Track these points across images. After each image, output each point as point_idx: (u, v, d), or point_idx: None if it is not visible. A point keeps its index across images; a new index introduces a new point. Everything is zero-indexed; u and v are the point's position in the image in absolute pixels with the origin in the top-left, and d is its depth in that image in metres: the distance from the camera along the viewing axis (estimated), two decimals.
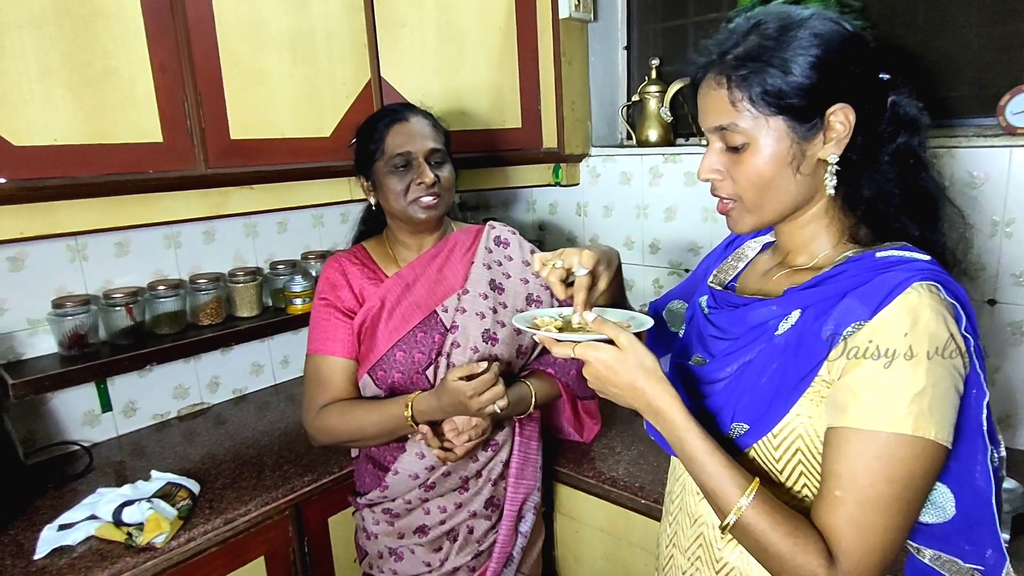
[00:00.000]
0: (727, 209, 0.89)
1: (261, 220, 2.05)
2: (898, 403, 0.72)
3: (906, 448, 0.72)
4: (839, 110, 0.79)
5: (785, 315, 0.84)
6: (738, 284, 1.02)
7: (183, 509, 1.41)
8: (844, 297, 0.78)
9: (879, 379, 0.73)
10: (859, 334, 0.75)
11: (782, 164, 0.82)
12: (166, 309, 1.77)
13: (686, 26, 2.07)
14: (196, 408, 1.99)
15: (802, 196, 0.85)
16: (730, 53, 0.82)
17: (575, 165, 2.17)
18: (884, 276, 0.76)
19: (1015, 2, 1.55)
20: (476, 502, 1.41)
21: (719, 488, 0.80)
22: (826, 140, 0.81)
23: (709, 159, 0.87)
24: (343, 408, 1.35)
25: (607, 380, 0.87)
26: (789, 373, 0.81)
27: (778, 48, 0.79)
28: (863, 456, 0.73)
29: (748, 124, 0.81)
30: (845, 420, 0.75)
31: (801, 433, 0.82)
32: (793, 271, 0.91)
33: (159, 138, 1.47)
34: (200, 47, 1.50)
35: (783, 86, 0.78)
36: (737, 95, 0.81)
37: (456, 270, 1.43)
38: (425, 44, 1.84)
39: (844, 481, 0.74)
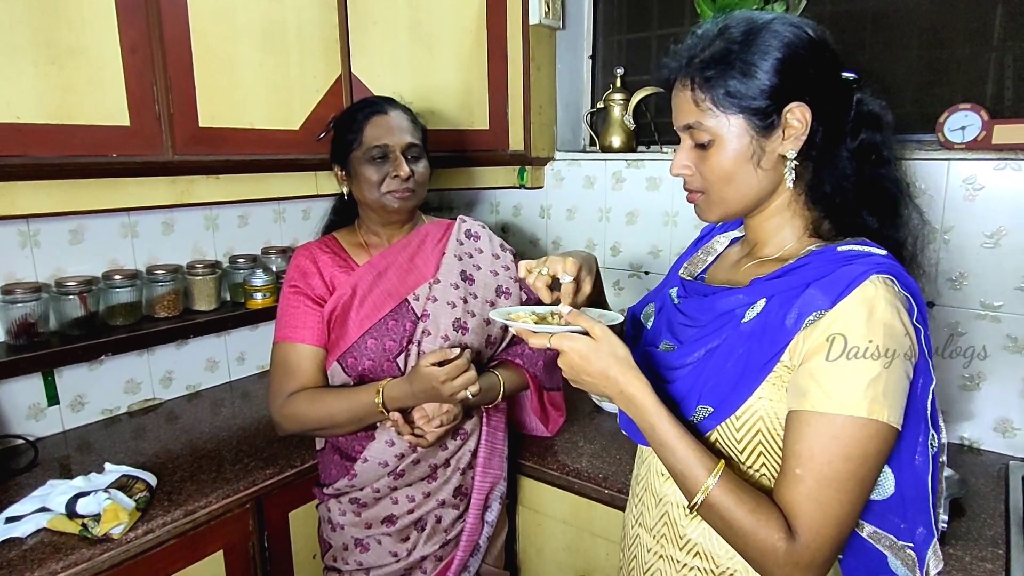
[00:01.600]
0: (696, 200, 0.96)
1: (222, 213, 2.02)
2: (855, 388, 0.78)
3: (861, 429, 0.78)
4: (796, 108, 0.85)
5: (751, 303, 0.89)
6: (707, 275, 1.08)
7: (141, 501, 1.37)
8: (807, 288, 0.83)
9: (837, 365, 0.78)
10: (820, 323, 0.80)
11: (743, 160, 0.88)
12: (121, 300, 1.72)
13: (649, 38, 2.16)
14: (148, 403, 1.93)
15: (764, 190, 0.91)
16: (697, 57, 0.89)
17: (540, 168, 2.21)
18: (844, 269, 0.82)
19: (951, 29, 1.69)
20: (444, 491, 1.42)
21: (687, 470, 0.85)
22: (785, 137, 0.87)
23: (680, 156, 0.93)
24: (312, 395, 1.35)
25: (581, 369, 0.91)
26: (753, 358, 0.86)
27: (740, 51, 0.85)
28: (822, 437, 0.79)
29: (711, 123, 0.88)
30: (806, 404, 0.80)
31: (763, 415, 0.87)
32: (760, 262, 0.96)
33: (126, 121, 1.44)
34: (172, 30, 1.48)
35: (742, 87, 0.85)
36: (700, 96, 0.87)
37: (428, 260, 1.45)
38: (396, 42, 1.86)
39: (803, 460, 0.80)
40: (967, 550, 1.25)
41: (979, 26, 1.67)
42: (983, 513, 1.37)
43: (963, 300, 1.61)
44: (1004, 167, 1.53)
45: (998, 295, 1.57)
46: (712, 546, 0.94)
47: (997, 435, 1.63)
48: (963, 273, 1.60)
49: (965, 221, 1.58)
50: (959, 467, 1.51)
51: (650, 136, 2.16)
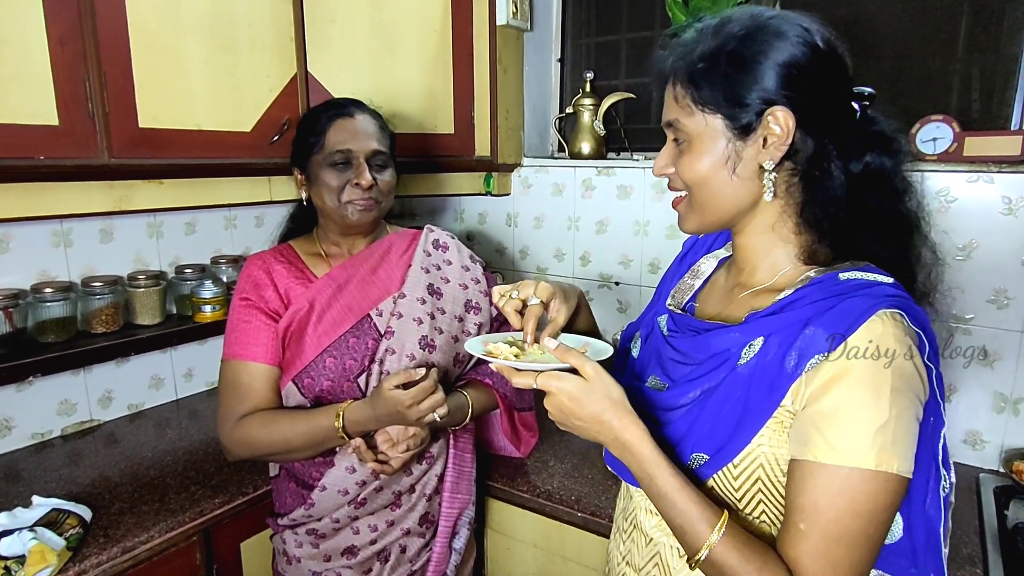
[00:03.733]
0: (676, 204, 0.90)
1: (167, 219, 1.89)
2: (861, 437, 0.71)
3: (870, 483, 0.71)
4: (778, 112, 0.77)
5: (747, 343, 0.81)
6: (697, 304, 0.99)
7: (72, 538, 1.24)
8: (807, 324, 0.76)
9: (842, 412, 0.72)
10: (823, 365, 0.73)
11: (718, 164, 0.81)
12: (52, 315, 1.57)
13: (619, 42, 2.11)
14: (84, 425, 1.79)
15: (742, 201, 0.83)
16: (689, 52, 0.82)
17: (507, 175, 2.15)
18: (848, 302, 0.74)
19: (919, 40, 1.68)
20: (409, 519, 1.33)
21: (688, 524, 0.78)
22: (765, 144, 0.79)
23: (662, 156, 0.88)
24: (265, 419, 1.24)
25: (571, 412, 0.83)
26: (752, 403, 0.79)
27: (734, 48, 0.78)
28: (826, 490, 0.72)
29: (688, 121, 0.82)
30: (808, 453, 0.73)
31: (763, 463, 0.80)
32: (753, 293, 0.88)
33: (54, 120, 1.31)
34: (107, 22, 1.35)
35: (724, 85, 0.79)
36: (681, 92, 0.82)
37: (392, 272, 1.36)
38: (356, 42, 1.76)
39: (808, 515, 0.73)
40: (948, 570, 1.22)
41: (945, 38, 1.67)
42: (958, 530, 1.35)
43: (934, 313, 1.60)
44: (976, 179, 1.52)
45: (969, 308, 1.57)
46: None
47: (967, 447, 1.63)
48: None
49: (937, 233, 1.55)
50: None
51: (620, 143, 2.11)
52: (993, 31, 1.62)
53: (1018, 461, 1.48)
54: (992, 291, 1.54)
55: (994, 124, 1.64)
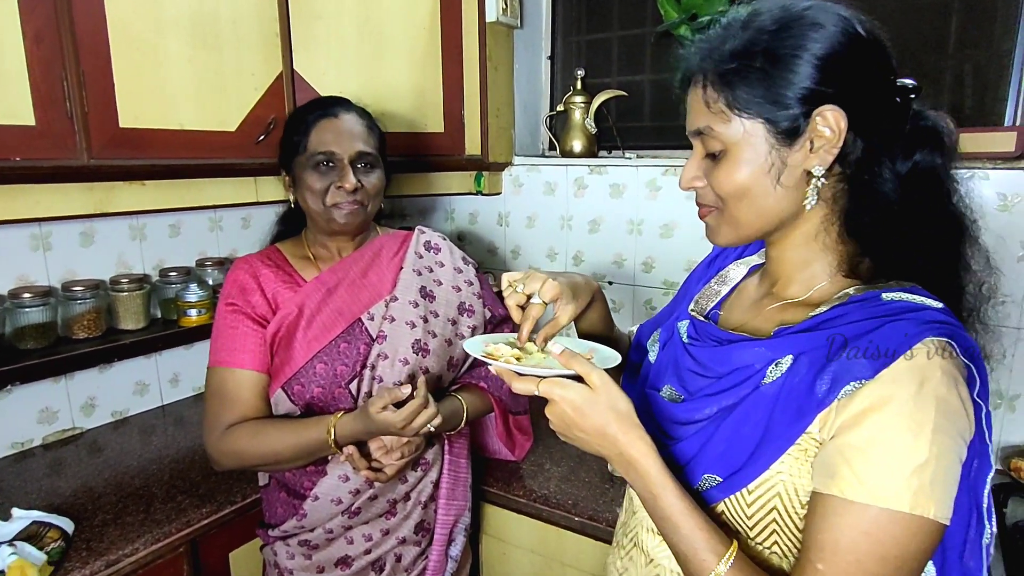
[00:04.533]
0: (707, 217, 0.83)
1: (150, 221, 1.84)
2: (896, 475, 0.64)
3: (900, 526, 0.64)
4: (828, 112, 0.70)
5: (774, 359, 0.75)
6: (722, 313, 0.93)
7: (54, 552, 1.20)
8: (844, 346, 0.69)
9: (876, 447, 0.65)
10: (859, 394, 0.66)
11: (760, 173, 0.74)
12: (32, 320, 1.53)
13: (610, 39, 2.09)
14: (66, 434, 1.74)
15: (785, 211, 0.76)
16: (716, 51, 0.75)
17: (498, 174, 2.11)
18: (890, 326, 0.68)
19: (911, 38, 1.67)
20: (405, 527, 1.30)
21: (691, 552, 0.73)
22: (812, 148, 0.72)
23: (690, 167, 0.81)
24: (253, 429, 1.20)
25: (573, 423, 0.78)
26: (775, 426, 0.72)
27: (769, 43, 0.72)
28: (850, 530, 0.65)
29: (723, 128, 0.75)
30: (834, 488, 0.67)
31: (780, 491, 0.73)
32: (785, 304, 0.82)
33: (30, 120, 1.26)
34: (84, 19, 1.31)
35: (763, 86, 0.72)
36: (712, 96, 0.75)
37: (383, 275, 1.33)
38: (344, 39, 1.73)
39: (827, 554, 0.67)
40: None
41: (938, 34, 1.66)
42: None
43: None
44: (971, 176, 1.49)
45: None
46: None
47: None
48: None
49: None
50: None
51: (612, 141, 2.09)
52: (986, 27, 1.61)
53: (1016, 458, 1.47)
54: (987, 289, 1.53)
55: (987, 120, 1.63)
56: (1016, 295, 1.51)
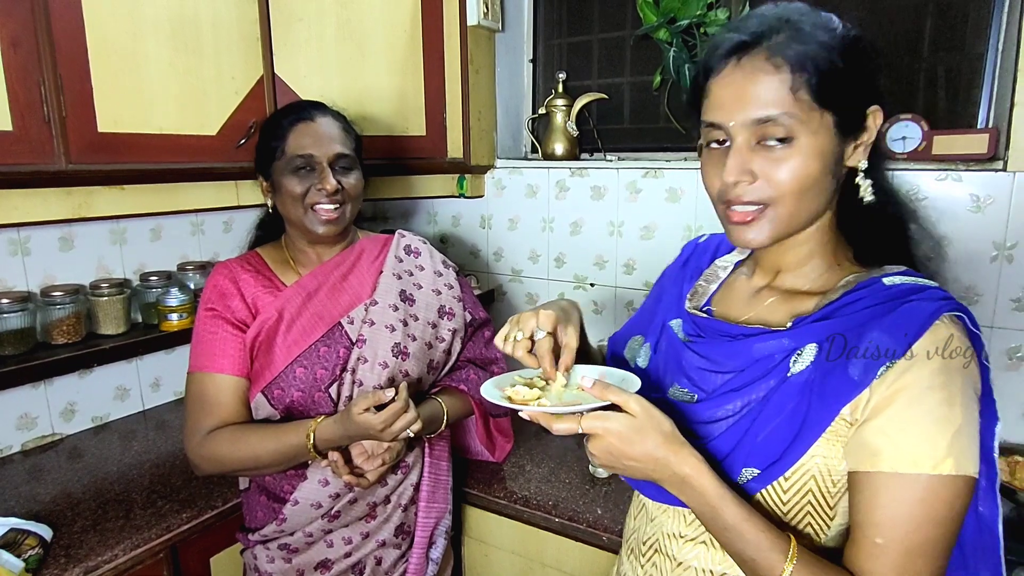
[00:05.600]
0: (750, 218, 0.78)
1: (131, 226, 1.83)
2: (938, 443, 0.68)
3: (949, 488, 0.68)
4: (876, 112, 0.76)
5: (797, 349, 0.77)
6: (716, 308, 0.94)
7: (31, 560, 1.20)
8: (866, 330, 0.73)
9: (915, 419, 0.69)
10: (890, 372, 0.70)
11: (826, 166, 0.75)
12: (10, 326, 1.52)
13: (591, 42, 2.10)
14: (45, 440, 1.73)
15: (825, 206, 0.79)
16: (775, 37, 0.74)
17: (480, 176, 2.12)
18: (909, 307, 0.72)
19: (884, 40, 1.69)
20: (385, 530, 1.30)
21: (759, 555, 0.74)
22: (857, 144, 0.77)
23: (740, 158, 0.76)
24: (234, 434, 1.20)
25: (622, 454, 0.76)
26: (810, 415, 0.75)
27: (827, 40, 0.74)
28: (905, 501, 0.69)
29: (803, 116, 0.74)
30: (880, 464, 0.70)
31: (815, 474, 0.77)
32: (789, 295, 0.85)
33: (7, 125, 1.25)
34: (62, 23, 1.30)
35: (840, 79, 0.73)
36: (797, 81, 0.73)
37: (363, 279, 1.33)
38: (324, 42, 1.73)
39: (885, 529, 0.70)
40: None
41: (912, 37, 1.68)
42: None
43: None
44: (945, 177, 1.54)
45: None
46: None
47: None
48: None
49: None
50: None
51: (594, 143, 2.10)
52: (959, 30, 1.63)
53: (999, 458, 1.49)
54: (963, 288, 1.55)
55: (960, 123, 1.65)
56: (989, 294, 1.53)
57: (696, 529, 0.87)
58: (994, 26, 1.59)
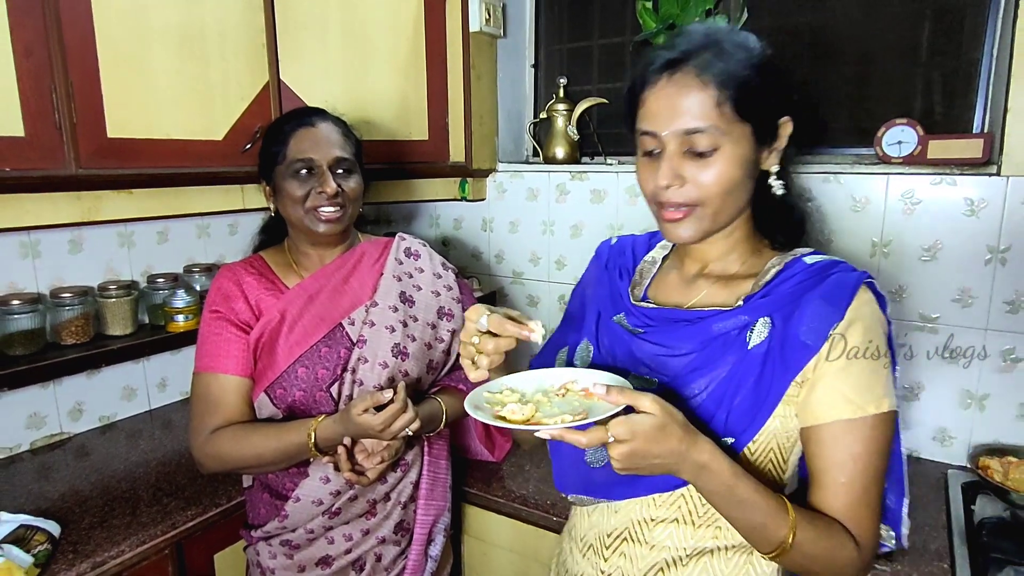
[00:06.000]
0: (681, 216, 0.87)
1: (138, 229, 1.87)
2: (875, 387, 0.82)
3: (888, 422, 0.84)
4: (786, 122, 0.87)
5: (751, 324, 0.87)
6: (656, 299, 1.00)
7: (40, 555, 1.23)
8: (805, 300, 0.84)
9: (857, 372, 0.82)
10: (834, 333, 0.82)
11: (746, 171, 0.86)
12: (21, 327, 1.55)
13: (591, 48, 2.13)
14: (54, 439, 1.76)
15: (745, 205, 0.91)
16: (702, 55, 0.83)
17: (482, 180, 2.15)
18: (835, 278, 0.85)
19: (883, 45, 1.71)
20: (385, 527, 1.33)
21: (768, 519, 0.80)
22: (771, 150, 0.88)
23: (671, 164, 0.85)
24: (237, 433, 1.23)
25: (648, 453, 0.75)
26: (775, 381, 0.85)
27: (747, 59, 0.83)
28: (859, 440, 0.82)
29: (725, 128, 0.83)
30: (836, 414, 0.82)
31: (776, 433, 0.87)
32: (724, 280, 0.94)
33: (20, 132, 1.28)
34: (73, 32, 1.34)
35: (757, 94, 0.83)
36: (723, 97, 0.82)
37: (364, 281, 1.36)
38: (329, 48, 1.76)
39: (847, 468, 0.82)
40: (915, 566, 1.25)
41: (910, 42, 1.70)
42: (926, 525, 1.38)
43: (902, 312, 1.63)
44: (940, 182, 1.55)
45: (936, 307, 1.60)
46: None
47: (936, 444, 1.66)
48: (902, 285, 1.63)
49: (903, 234, 1.61)
50: None
51: (594, 147, 2.12)
52: (955, 36, 1.65)
53: (984, 457, 1.50)
54: (957, 290, 1.57)
55: (957, 127, 1.67)
56: (984, 297, 1.55)
57: (666, 510, 0.92)
58: (989, 31, 1.61)
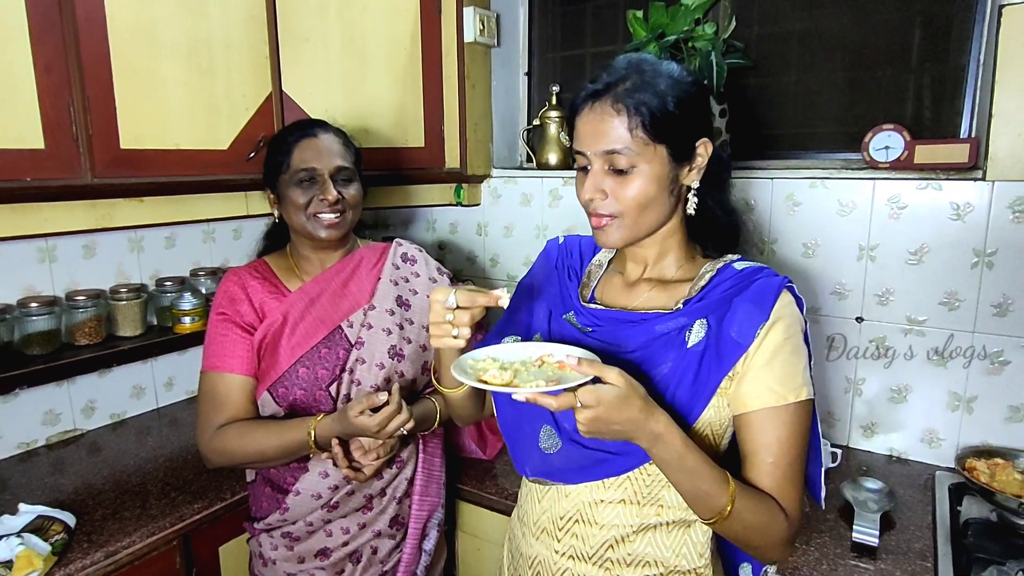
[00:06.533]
0: (604, 223, 0.98)
1: (147, 234, 1.94)
2: (795, 379, 0.93)
3: (806, 408, 0.94)
4: (704, 143, 0.97)
5: (689, 325, 0.96)
6: (602, 300, 1.09)
7: (57, 544, 1.29)
8: (735, 303, 0.94)
9: (779, 365, 0.93)
10: (760, 333, 0.93)
11: (662, 187, 0.96)
12: (38, 328, 1.63)
13: (584, 56, 2.18)
14: (68, 435, 1.84)
15: (667, 216, 1.00)
16: (619, 86, 0.94)
17: (477, 185, 2.20)
18: (761, 282, 0.96)
19: (873, 51, 1.74)
20: (380, 521, 1.39)
21: (712, 487, 0.89)
22: (691, 168, 0.98)
23: (594, 180, 0.97)
24: (241, 430, 1.30)
25: (608, 419, 0.85)
26: (711, 376, 0.94)
27: (660, 87, 0.93)
28: (783, 425, 0.92)
29: (639, 149, 0.93)
30: (761, 403, 0.93)
31: (710, 422, 0.96)
32: (663, 285, 1.04)
33: (40, 144, 1.36)
34: (89, 48, 1.41)
35: (669, 119, 0.93)
36: (633, 122, 0.93)
37: (362, 285, 1.42)
38: (329, 60, 1.82)
39: (773, 450, 0.92)
40: (897, 564, 1.27)
41: (899, 48, 1.72)
42: (912, 525, 1.40)
43: (889, 315, 1.66)
44: (926, 186, 1.58)
45: (923, 310, 1.62)
46: (662, 554, 1.01)
47: (924, 446, 1.68)
48: (889, 289, 1.65)
49: (890, 238, 1.63)
50: (888, 478, 1.55)
51: None
52: (942, 42, 1.67)
53: (971, 459, 1.50)
54: (944, 294, 1.59)
55: (945, 132, 1.69)
56: (971, 300, 1.57)
57: (614, 492, 1.00)
58: (976, 38, 1.62)
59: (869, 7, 1.73)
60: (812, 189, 1.70)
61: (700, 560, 1.02)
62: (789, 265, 1.76)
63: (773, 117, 1.91)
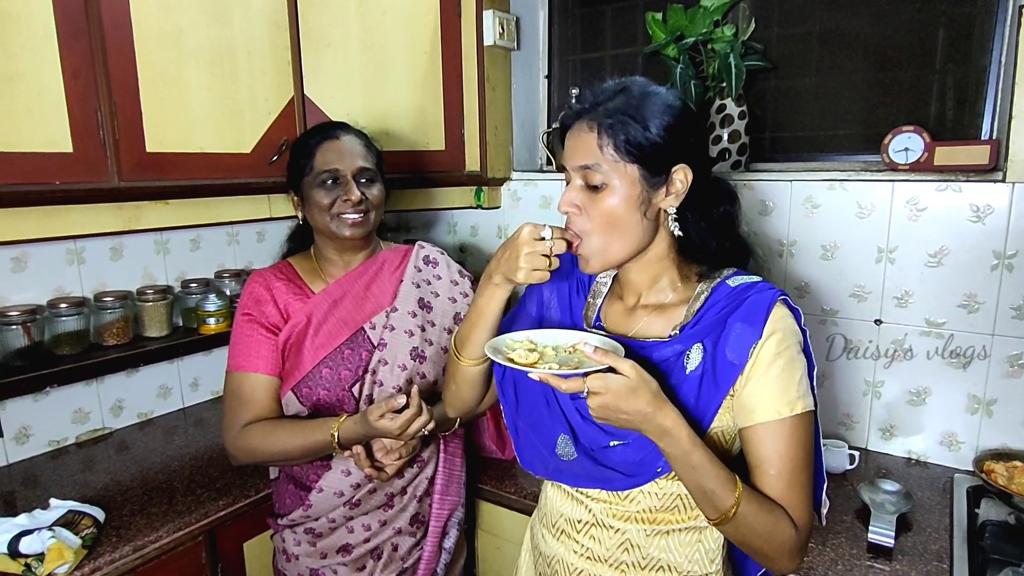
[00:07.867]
0: (576, 248, 0.98)
1: (173, 236, 1.98)
2: (792, 392, 0.93)
3: (805, 421, 0.94)
4: (681, 169, 0.96)
5: (686, 351, 0.98)
6: (605, 323, 1.10)
7: (87, 538, 1.33)
8: (727, 323, 0.95)
9: (773, 380, 0.93)
10: (755, 350, 0.94)
11: (632, 207, 0.95)
12: (67, 328, 1.67)
13: (604, 58, 2.19)
14: (97, 433, 1.88)
15: (645, 238, 0.99)
16: (602, 105, 0.96)
17: (497, 188, 2.22)
18: (753, 299, 0.96)
19: (895, 52, 1.74)
20: (401, 519, 1.41)
21: (717, 485, 0.90)
22: (668, 193, 0.97)
23: (570, 194, 0.98)
24: (266, 429, 1.32)
25: (617, 408, 0.88)
26: (711, 399, 0.95)
27: (641, 110, 0.94)
28: (782, 438, 0.93)
29: (609, 167, 0.94)
30: (758, 418, 0.93)
31: (717, 437, 0.98)
32: (660, 310, 1.04)
33: (68, 148, 1.40)
34: (116, 55, 1.44)
35: (642, 140, 0.93)
36: (604, 140, 0.94)
37: (385, 288, 1.44)
38: (350, 64, 1.85)
39: (774, 462, 0.93)
40: (912, 565, 1.28)
41: (921, 50, 1.72)
42: (929, 527, 1.40)
43: (908, 317, 1.66)
44: (945, 188, 1.57)
45: (942, 313, 1.62)
46: (675, 559, 1.03)
47: (943, 448, 1.67)
48: (908, 291, 1.65)
49: (909, 241, 1.63)
50: (906, 481, 1.55)
51: None
52: (963, 43, 1.66)
53: (989, 461, 1.50)
54: (963, 296, 1.59)
55: (967, 134, 1.68)
56: (990, 303, 1.56)
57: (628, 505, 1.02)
58: (997, 39, 1.62)
59: (889, 8, 1.73)
60: (831, 191, 1.70)
61: (711, 566, 1.04)
62: (807, 267, 1.76)
63: (792, 119, 1.91)
